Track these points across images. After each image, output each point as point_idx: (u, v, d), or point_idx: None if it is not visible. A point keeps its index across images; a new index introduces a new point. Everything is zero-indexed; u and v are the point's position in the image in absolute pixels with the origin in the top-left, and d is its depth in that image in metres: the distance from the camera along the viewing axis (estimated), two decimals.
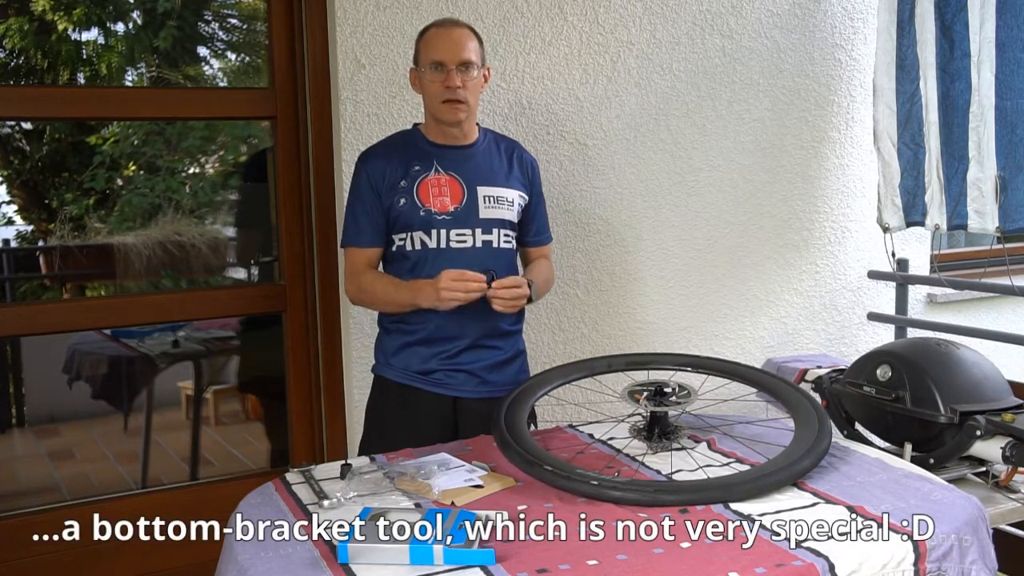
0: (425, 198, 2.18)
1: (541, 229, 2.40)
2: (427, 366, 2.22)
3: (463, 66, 2.16)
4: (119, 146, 3.30)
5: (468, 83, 2.17)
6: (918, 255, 3.62)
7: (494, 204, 2.23)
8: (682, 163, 3.16)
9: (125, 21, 3.07)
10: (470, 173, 2.23)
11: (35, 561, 2.53)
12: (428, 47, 2.19)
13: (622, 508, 1.68)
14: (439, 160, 2.22)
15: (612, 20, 2.99)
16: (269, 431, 3.29)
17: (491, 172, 2.26)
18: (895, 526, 1.57)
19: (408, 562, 1.45)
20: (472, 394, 2.23)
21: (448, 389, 2.23)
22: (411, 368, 2.22)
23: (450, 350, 2.22)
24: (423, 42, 2.21)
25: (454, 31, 2.18)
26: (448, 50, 2.15)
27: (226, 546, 1.64)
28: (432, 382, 2.22)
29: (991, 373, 2.31)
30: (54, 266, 3.21)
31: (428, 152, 2.23)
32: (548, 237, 2.44)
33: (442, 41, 2.16)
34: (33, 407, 3.31)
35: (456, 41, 2.16)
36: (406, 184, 2.19)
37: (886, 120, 3.22)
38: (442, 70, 2.15)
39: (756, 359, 3.28)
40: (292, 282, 2.76)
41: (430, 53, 2.17)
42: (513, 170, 2.30)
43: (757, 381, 2.16)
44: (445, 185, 2.20)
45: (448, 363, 2.22)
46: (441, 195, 2.19)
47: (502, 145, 2.34)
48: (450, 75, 2.15)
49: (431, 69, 2.17)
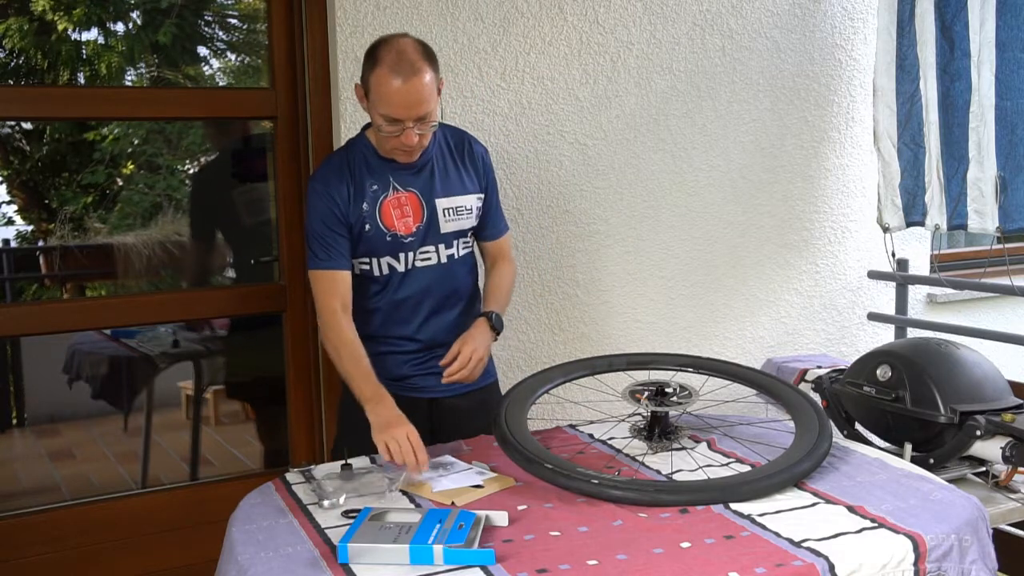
0: (388, 222, 2.10)
1: (496, 221, 2.32)
2: (402, 372, 2.20)
3: (420, 119, 1.99)
4: (119, 144, 3.30)
5: (425, 132, 2.03)
6: (918, 255, 3.62)
7: (454, 216, 2.17)
8: (682, 163, 3.16)
9: (125, 21, 3.06)
10: (426, 186, 2.14)
11: (35, 561, 2.53)
12: (381, 97, 1.97)
13: (622, 508, 1.68)
14: (394, 176, 2.12)
15: (612, 20, 2.99)
16: (269, 431, 3.29)
17: (447, 182, 2.17)
18: (895, 526, 1.58)
19: (408, 562, 1.45)
20: (446, 392, 2.21)
21: (423, 392, 2.21)
22: (385, 376, 2.12)
23: (424, 357, 2.21)
24: (376, 83, 1.97)
25: (412, 83, 1.94)
26: (405, 107, 1.96)
27: (226, 546, 1.64)
28: (407, 387, 2.20)
29: (991, 373, 2.32)
30: (54, 266, 3.21)
31: (380, 168, 2.12)
32: (504, 227, 2.35)
33: (399, 97, 1.95)
34: (33, 407, 3.30)
35: (414, 98, 1.95)
36: (368, 208, 2.10)
37: (886, 120, 3.22)
38: (397, 125, 1.99)
39: (756, 359, 3.28)
40: (292, 282, 2.76)
41: (384, 106, 1.97)
42: (468, 171, 2.22)
43: (758, 383, 2.16)
44: (406, 204, 2.12)
45: (421, 368, 2.21)
46: (404, 216, 2.11)
47: (452, 142, 2.22)
48: (407, 134, 1.99)
49: (385, 121, 1.99)
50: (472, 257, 2.30)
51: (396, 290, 2.16)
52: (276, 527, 1.63)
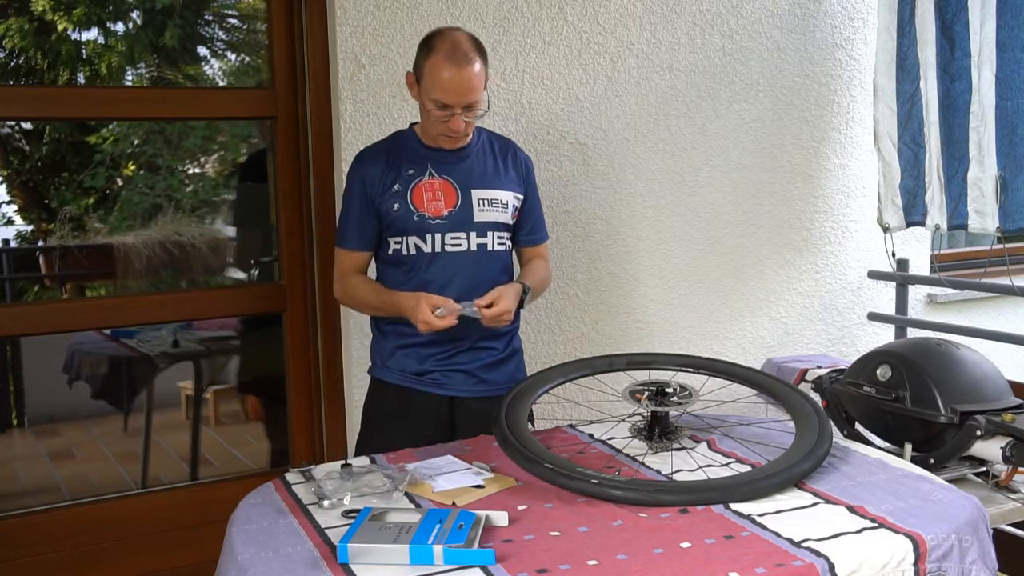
0: (419, 203, 2.17)
1: (536, 228, 2.38)
2: (423, 367, 2.22)
3: (469, 107, 2.10)
4: (119, 145, 3.30)
5: (471, 119, 2.13)
6: (918, 255, 3.62)
7: (488, 207, 2.22)
8: (682, 163, 3.16)
9: (125, 21, 3.06)
10: (464, 176, 2.22)
11: (35, 561, 2.53)
12: (434, 83, 2.07)
13: (622, 508, 1.68)
14: (433, 164, 2.20)
15: (612, 20, 2.99)
16: (269, 431, 3.29)
17: (485, 174, 2.24)
18: (895, 526, 1.58)
19: (408, 562, 1.45)
20: (469, 393, 2.24)
21: (445, 389, 2.23)
22: (408, 370, 2.23)
23: (447, 352, 2.22)
24: (429, 70, 2.08)
25: (464, 72, 2.05)
26: (456, 94, 2.07)
27: (226, 546, 1.64)
28: (429, 382, 2.22)
29: (991, 373, 2.32)
30: (54, 266, 3.20)
31: (422, 155, 2.21)
32: (544, 236, 2.42)
33: (451, 84, 2.05)
34: (33, 407, 3.30)
35: (465, 85, 2.06)
36: (399, 188, 2.17)
37: (886, 120, 3.22)
38: (447, 110, 2.09)
39: (756, 359, 3.28)
40: (292, 282, 2.76)
41: (436, 91, 2.07)
42: (508, 171, 2.28)
43: (758, 383, 2.16)
44: (439, 189, 2.19)
45: (444, 364, 2.22)
46: (435, 199, 2.18)
47: (496, 145, 2.31)
48: (455, 119, 2.09)
49: (435, 106, 2.09)
50: (508, 257, 2.32)
51: (423, 272, 2.19)
52: (276, 527, 1.63)
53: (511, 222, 2.28)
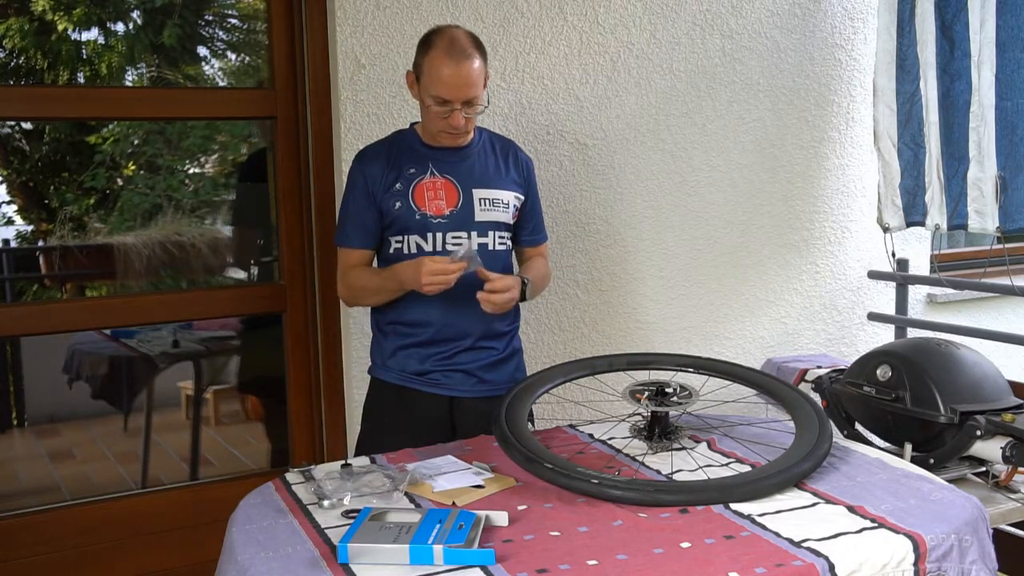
0: (420, 202, 2.17)
1: (537, 229, 2.39)
2: (424, 367, 2.22)
3: (468, 102, 2.10)
4: (119, 145, 3.30)
5: (471, 115, 2.13)
6: (918, 255, 3.63)
7: (489, 206, 2.22)
8: (682, 163, 3.16)
9: (125, 21, 3.06)
10: (465, 175, 2.22)
11: (35, 561, 2.53)
12: (434, 79, 2.08)
13: (622, 508, 1.68)
14: (434, 163, 2.20)
15: (612, 20, 2.99)
16: (269, 431, 3.29)
17: (486, 174, 2.24)
18: (895, 526, 1.58)
19: (408, 562, 1.45)
20: (469, 393, 2.24)
21: (445, 389, 2.23)
22: (408, 370, 2.23)
23: (447, 351, 2.22)
24: (428, 66, 2.09)
25: (463, 68, 2.06)
26: (456, 89, 2.07)
27: (226, 546, 1.64)
28: (429, 382, 2.22)
29: (991, 373, 2.32)
30: (54, 266, 3.20)
31: (423, 154, 2.22)
32: (544, 236, 2.43)
33: (450, 79, 2.06)
34: (33, 407, 3.30)
35: (464, 80, 2.07)
36: (401, 187, 2.18)
37: (886, 120, 3.22)
38: (447, 106, 2.09)
39: (756, 359, 3.28)
40: (292, 282, 2.76)
41: (435, 87, 2.08)
42: (509, 171, 2.28)
43: (758, 383, 2.16)
44: (440, 188, 2.19)
45: (445, 364, 2.22)
46: (436, 198, 2.18)
47: (497, 145, 2.31)
48: (454, 115, 2.09)
49: (435, 102, 2.10)
50: (509, 257, 2.32)
51: None
52: (276, 527, 1.63)
53: (512, 222, 2.28)
